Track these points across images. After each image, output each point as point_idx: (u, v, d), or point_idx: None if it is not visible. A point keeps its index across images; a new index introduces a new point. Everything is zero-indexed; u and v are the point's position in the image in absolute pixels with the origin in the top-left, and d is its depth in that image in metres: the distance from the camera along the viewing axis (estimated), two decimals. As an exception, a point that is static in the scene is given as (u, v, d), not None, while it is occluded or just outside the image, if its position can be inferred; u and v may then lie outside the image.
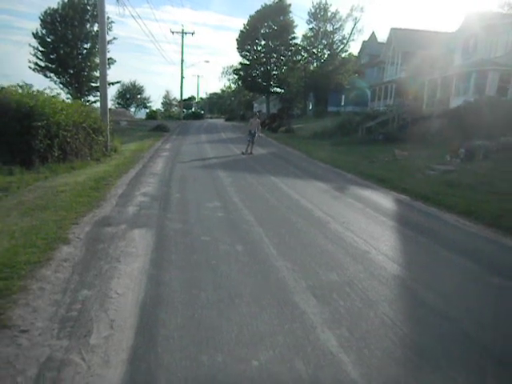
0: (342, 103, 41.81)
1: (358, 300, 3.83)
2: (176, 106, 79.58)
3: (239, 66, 49.52)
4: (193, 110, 79.75)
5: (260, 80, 47.26)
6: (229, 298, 3.72)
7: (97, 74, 35.74)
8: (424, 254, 5.51)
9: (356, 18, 40.84)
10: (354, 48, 79.35)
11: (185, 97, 66.12)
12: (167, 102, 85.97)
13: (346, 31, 42.11)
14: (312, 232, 6.07)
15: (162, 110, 79.41)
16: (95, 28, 35.57)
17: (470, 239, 6.40)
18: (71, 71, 37.35)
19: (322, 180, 11.15)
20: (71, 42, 36.57)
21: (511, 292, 4.36)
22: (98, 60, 32.04)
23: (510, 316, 3.84)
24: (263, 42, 46.15)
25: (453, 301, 3.99)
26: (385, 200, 8.97)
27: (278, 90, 49.07)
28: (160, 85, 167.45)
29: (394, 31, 34.35)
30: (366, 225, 6.65)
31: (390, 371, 2.82)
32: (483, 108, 17.32)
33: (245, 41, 46.06)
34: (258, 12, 45.17)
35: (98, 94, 32.22)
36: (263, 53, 46.26)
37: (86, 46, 37.77)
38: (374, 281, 4.32)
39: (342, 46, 42.25)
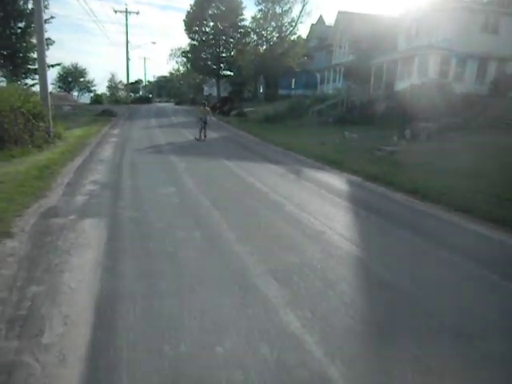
0: (293, 86, 42.05)
1: (318, 280, 3.88)
2: (122, 89, 76.38)
3: (188, 48, 48.26)
4: (140, 93, 77.14)
5: (210, 63, 46.39)
6: (189, 286, 3.64)
7: (34, 55, 33.43)
8: (377, 232, 5.69)
9: (304, 1, 40.84)
10: (303, 31, 79.79)
11: (131, 80, 63.56)
12: (113, 86, 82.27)
13: (295, 14, 42.05)
14: (269, 215, 6.08)
15: (108, 94, 75.98)
16: (30, 6, 33.09)
17: (416, 216, 6.69)
18: (4, 52, 34.64)
19: (276, 163, 11.19)
20: (2, 21, 33.81)
21: (453, 262, 4.60)
22: (34, 40, 30.02)
23: (450, 283, 4.06)
24: (211, 24, 45.15)
25: (403, 273, 4.15)
26: (337, 181, 9.16)
27: (229, 72, 48.46)
28: (104, 68, 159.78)
29: (341, 14, 34.75)
30: (320, 206, 6.76)
31: (352, 347, 2.88)
32: (426, 91, 18.08)
33: (192, 22, 44.83)
34: (205, -8, 44.05)
35: (37, 77, 30.27)
36: (212, 34, 45.31)
37: (20, 24, 35.06)
38: (331, 260, 4.40)
39: (290, 29, 42.16)
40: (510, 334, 3.24)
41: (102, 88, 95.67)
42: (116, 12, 46.30)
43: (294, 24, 41.53)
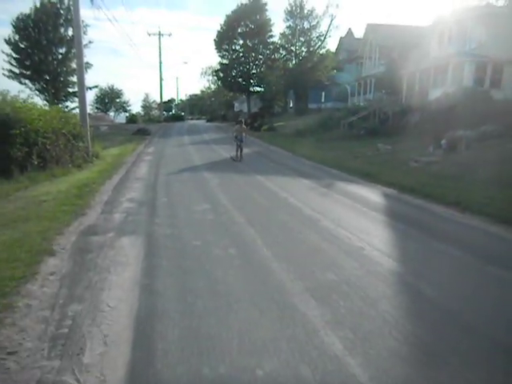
0: (323, 100, 41.92)
1: (358, 299, 3.75)
2: (156, 108, 78.66)
3: (218, 67, 49.21)
4: (173, 111, 79.00)
5: (240, 79, 47.03)
6: (227, 304, 3.60)
7: (73, 79, 35.05)
8: (417, 247, 5.47)
9: (332, 15, 40.91)
10: (332, 44, 79.81)
11: (164, 99, 65.33)
12: (147, 105, 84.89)
13: (323, 28, 42.16)
14: (304, 230, 5.98)
15: (142, 113, 78.37)
16: (70, 32, 34.81)
17: (458, 229, 6.42)
18: (47, 77, 36.46)
19: (308, 177, 11.09)
20: (45, 48, 35.69)
21: (508, 283, 4.34)
22: (74, 65, 31.47)
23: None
24: (241, 42, 45.93)
25: (450, 291, 3.95)
26: (372, 194, 8.96)
27: (258, 88, 48.92)
28: (139, 88, 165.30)
29: (370, 26, 34.61)
30: (356, 220, 6.60)
31: (398, 371, 2.74)
32: (461, 99, 17.55)
33: (222, 41, 45.76)
34: (234, 11, 44.92)
35: (76, 99, 31.60)
36: (241, 52, 46.03)
37: (60, 50, 36.89)
38: (371, 277, 4.26)
39: (319, 43, 42.24)
40: None
41: (136, 108, 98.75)
42: (150, 35, 48.12)
43: (322, 38, 41.62)
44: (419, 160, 13.05)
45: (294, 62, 43.15)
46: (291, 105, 47.25)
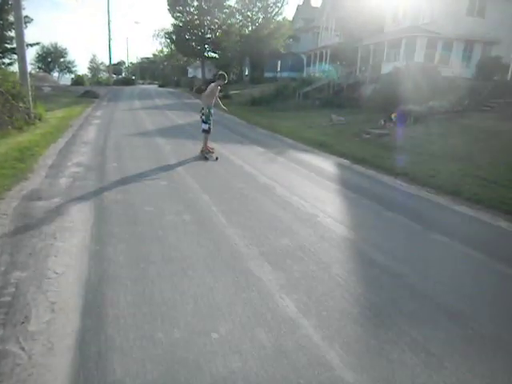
0: (279, 69, 41.65)
1: (311, 263, 3.82)
2: (104, 71, 74.65)
3: (171, 29, 47.09)
4: (123, 75, 75.37)
5: (194, 44, 45.35)
6: (181, 270, 3.54)
7: (11, 33, 32.28)
8: (368, 215, 5.65)
9: (290, -19, 40.14)
10: (289, 12, 78.41)
11: (114, 61, 62.08)
12: (94, 67, 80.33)
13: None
14: (259, 198, 5.97)
15: (89, 75, 74.18)
16: (6, -19, 31.70)
17: (405, 199, 6.69)
18: (-20, 30, 33.28)
19: (264, 146, 11.05)
20: (-23, -3, 32.38)
21: (441, 242, 4.60)
22: (11, 17, 28.89)
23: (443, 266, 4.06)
24: (196, 3, 44.04)
25: (398, 256, 4.12)
26: (326, 164, 9.10)
27: (213, 54, 47.58)
28: (86, 48, 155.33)
29: (327, -5, 34.33)
30: (310, 189, 6.68)
31: (349, 331, 2.83)
32: (412, 74, 18.03)
33: (176, 1, 43.67)
34: (189, -30, 42.82)
35: (14, 56, 29.17)
36: (196, 15, 44.25)
37: (-6, 1, 33.63)
38: (325, 243, 4.35)
39: (276, 10, 41.41)
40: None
41: (83, 69, 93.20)
42: (96, -11, 44.91)
43: (279, 5, 40.81)
44: (371, 132, 13.39)
45: (250, 28, 42.14)
46: (247, 73, 46.52)
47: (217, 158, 8.51)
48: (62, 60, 69.14)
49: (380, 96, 18.47)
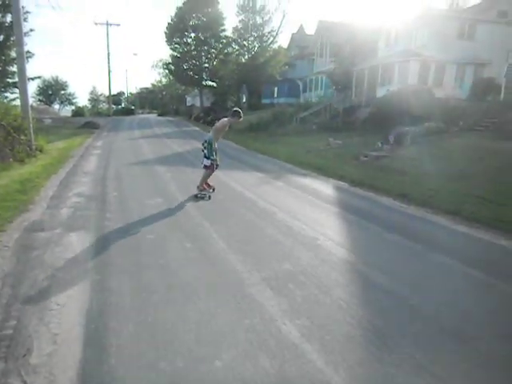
0: (276, 95, 42.28)
1: (313, 287, 3.82)
2: (104, 101, 75.84)
3: (169, 60, 48.18)
4: (123, 105, 76.52)
5: (192, 73, 46.31)
6: (183, 297, 3.54)
7: (14, 68, 32.94)
8: (367, 237, 5.66)
9: (284, 11, 41.38)
10: (284, 40, 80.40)
11: (113, 92, 63.08)
12: (94, 98, 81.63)
13: (275, 23, 42.56)
14: (260, 223, 6.00)
15: (90, 106, 75.35)
16: (8, 19, 32.59)
17: (404, 219, 6.71)
18: (-17, 66, 33.98)
19: (263, 171, 11.15)
20: (-19, 35, 33.21)
21: (450, 268, 4.59)
22: (13, 53, 29.58)
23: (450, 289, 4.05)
24: (193, 35, 45.22)
25: (399, 278, 4.12)
26: (325, 187, 9.16)
27: (211, 83, 48.48)
28: (86, 81, 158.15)
29: (321, 23, 35.27)
30: (310, 212, 6.71)
31: (353, 354, 2.82)
32: (407, 96, 18.35)
33: (173, 33, 44.78)
34: (185, 3, 44.07)
35: (17, 90, 29.67)
36: (193, 45, 45.35)
37: (-1, 38, 34.47)
38: (326, 267, 4.35)
39: (271, 39, 42.57)
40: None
41: (83, 101, 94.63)
42: (97, 24, 46.26)
43: (274, 33, 41.95)
44: (368, 154, 13.51)
45: (246, 56, 43.15)
46: (244, 100, 47.26)
47: (210, 197, 7.42)
48: (62, 92, 70.42)
49: (376, 119, 18.74)
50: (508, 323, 3.39)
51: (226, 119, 7.77)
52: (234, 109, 7.70)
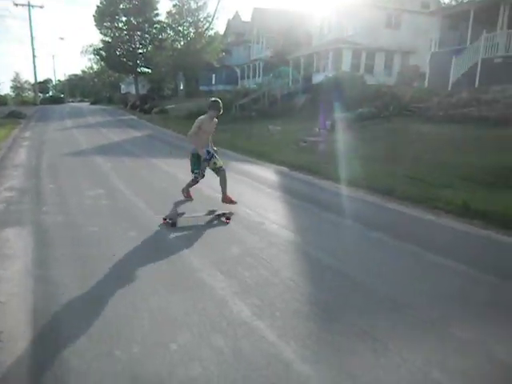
0: (213, 82, 41.98)
1: (262, 268, 3.97)
2: (29, 89, 70.80)
3: (100, 45, 45.85)
4: (51, 93, 71.93)
5: (125, 59, 44.52)
6: (133, 287, 3.53)
7: None
8: (310, 218, 5.93)
9: (219, -4, 40.83)
10: (220, 27, 79.53)
11: (40, 79, 59.07)
12: (18, 86, 75.93)
13: (211, 9, 41.94)
14: (205, 209, 6.04)
15: (13, 95, 69.94)
16: None
17: (343, 200, 7.09)
18: None
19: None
20: None
21: (386, 244, 4.96)
22: None
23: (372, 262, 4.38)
24: (124, 19, 43.35)
25: (340, 255, 4.39)
26: (267, 172, 9.36)
27: (146, 69, 46.93)
28: (7, 67, 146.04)
29: (256, 11, 35.35)
30: (254, 197, 6.87)
31: (302, 327, 2.99)
32: (341, 83, 19.06)
33: (103, 17, 42.62)
34: (115, -15, 42.07)
35: None
36: (126, 30, 43.53)
37: None
38: (273, 248, 4.51)
39: (207, 25, 41.91)
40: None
41: (5, 89, 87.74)
42: (17, 5, 42.84)
43: (210, 19, 41.30)
44: (307, 140, 13.93)
45: (182, 42, 42.16)
46: (181, 87, 46.39)
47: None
48: (-20, 80, 64.63)
49: (313, 105, 19.30)
50: (434, 290, 3.74)
51: (202, 117, 6.17)
52: (212, 99, 6.32)
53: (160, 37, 43.45)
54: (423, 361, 2.62)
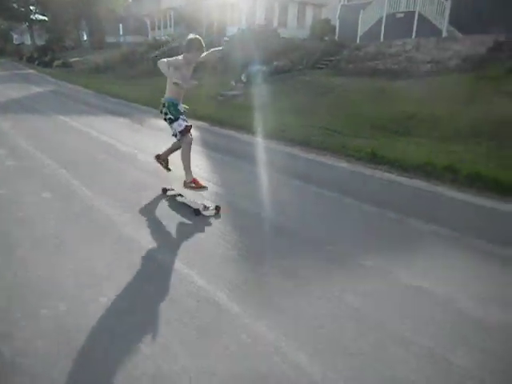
0: (121, 33, 39.06)
1: (191, 226, 4.01)
2: None
3: (-18, -14, 39.86)
4: None
5: (16, 5, 39.43)
6: (53, 247, 3.39)
7: None
8: (232, 170, 6.04)
9: None
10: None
11: None
12: None
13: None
14: (121, 166, 5.85)
15: None
16: None
17: (262, 151, 7.29)
18: None
19: (119, 115, 10.59)
20: None
21: (307, 191, 5.26)
22: None
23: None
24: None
25: (262, 201, 4.59)
26: (186, 128, 9.18)
27: (42, 17, 42.11)
28: None
29: (164, -46, 32.95)
30: (177, 153, 6.75)
31: (232, 271, 3.14)
32: (255, 36, 18.88)
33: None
34: None
35: None
36: (13, -30, 38.29)
37: None
38: (197, 200, 4.56)
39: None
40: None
41: None
42: None
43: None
44: (225, 94, 13.81)
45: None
46: (85, 38, 42.58)
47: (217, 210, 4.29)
48: None
49: (229, 58, 18.95)
50: (350, 228, 4.11)
51: (179, 58, 4.40)
52: (190, 37, 4.37)
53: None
54: (339, 289, 2.91)
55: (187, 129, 4.49)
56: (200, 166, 6.09)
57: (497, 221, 4.40)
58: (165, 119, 4.63)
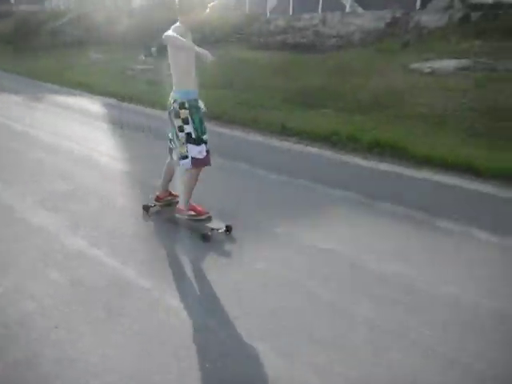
0: (13, 1, 35.07)
1: (96, 201, 3.88)
2: None
3: None
4: None
5: None
6: None
7: None
8: (142, 149, 5.84)
9: None
10: None
11: None
12: None
13: None
14: (20, 149, 5.43)
15: None
16: None
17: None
18: None
19: (15, 92, 9.69)
20: None
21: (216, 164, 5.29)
22: None
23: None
24: None
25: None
26: (93, 105, 8.72)
27: None
28: None
29: None
30: (80, 131, 6.41)
31: (142, 252, 3.13)
32: (163, 8, 18.09)
33: None
34: None
35: None
36: None
37: None
38: (106, 182, 4.41)
39: None
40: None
41: None
42: None
43: None
44: (134, 68, 13.20)
45: None
46: (-31, 6, 37.57)
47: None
48: None
49: (136, 31, 18.03)
50: (263, 199, 4.26)
51: (178, 27, 3.23)
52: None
53: None
54: (254, 256, 3.03)
55: (205, 161, 3.39)
56: (106, 143, 5.85)
57: (398, 184, 4.77)
58: (175, 132, 3.44)
